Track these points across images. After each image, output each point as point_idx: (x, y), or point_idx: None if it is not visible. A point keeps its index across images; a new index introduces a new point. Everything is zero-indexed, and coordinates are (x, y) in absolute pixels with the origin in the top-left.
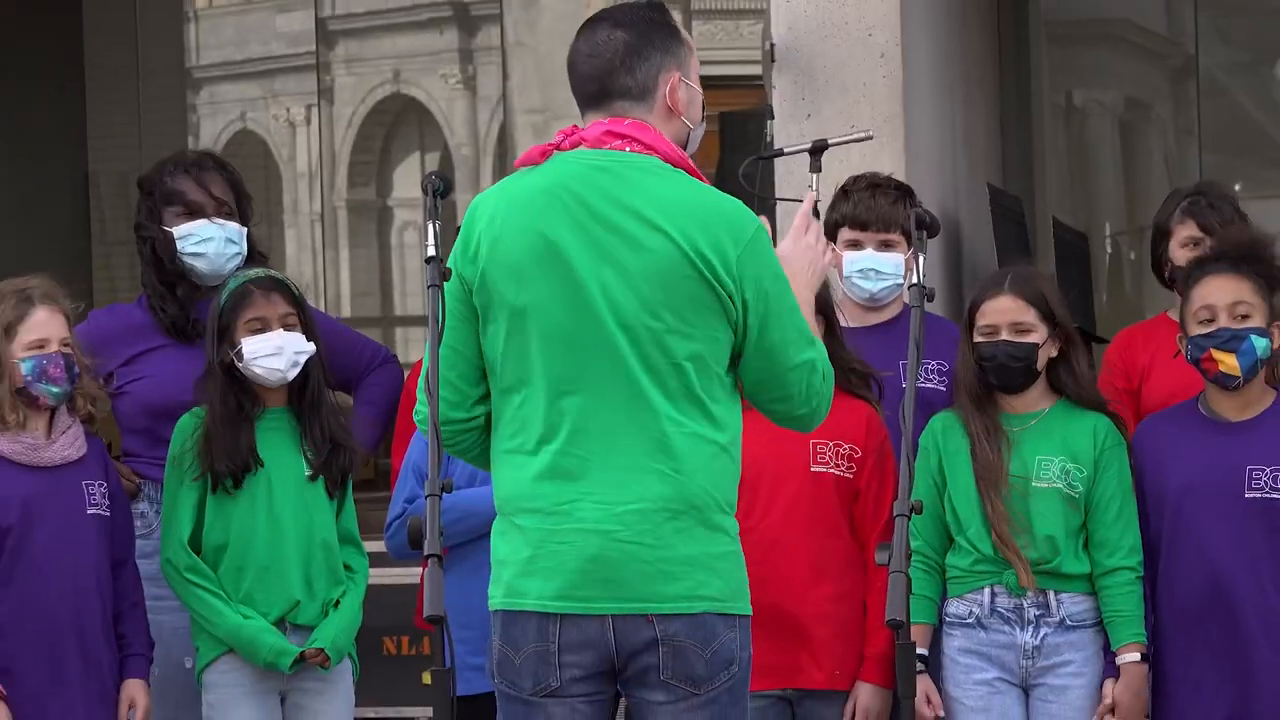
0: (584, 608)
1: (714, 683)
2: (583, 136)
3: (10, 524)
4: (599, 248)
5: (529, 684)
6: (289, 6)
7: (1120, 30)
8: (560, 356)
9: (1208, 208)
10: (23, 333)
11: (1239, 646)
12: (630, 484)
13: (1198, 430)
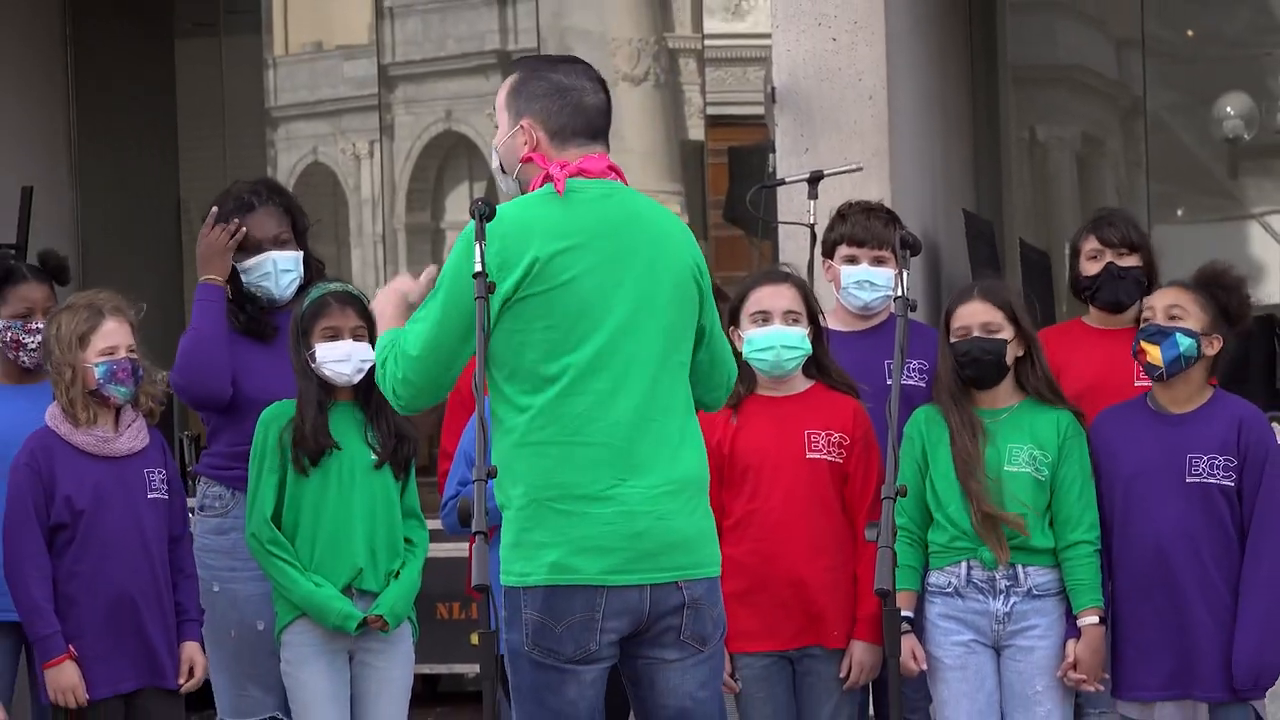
0: (629, 579)
1: (714, 641)
2: (582, 168)
3: (83, 508)
4: (643, 273)
5: (570, 650)
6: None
7: (1077, 75)
8: (604, 367)
9: (1107, 225)
10: (95, 341)
11: (1181, 611)
12: (658, 469)
13: (1146, 422)
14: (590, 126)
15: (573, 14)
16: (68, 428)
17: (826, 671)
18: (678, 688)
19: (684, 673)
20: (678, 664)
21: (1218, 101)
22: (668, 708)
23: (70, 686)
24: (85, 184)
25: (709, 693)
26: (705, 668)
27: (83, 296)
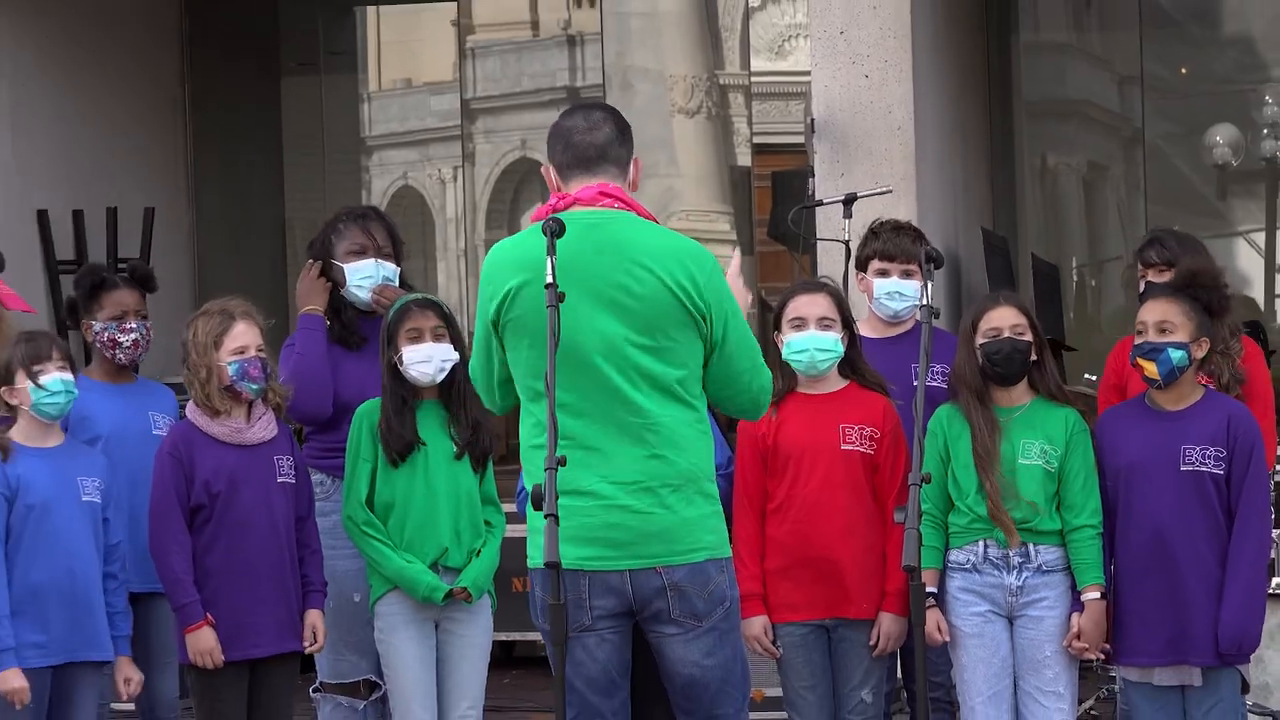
0: (608, 565)
1: (714, 616)
2: (576, 198)
3: (219, 490)
4: (597, 286)
5: (568, 622)
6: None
7: (1083, 109)
8: (564, 380)
9: (1153, 246)
10: (227, 342)
11: (1176, 586)
12: (632, 465)
13: (1144, 419)
14: (580, 160)
15: (634, 54)
16: (205, 420)
17: (858, 639)
18: (684, 658)
19: (686, 645)
20: (679, 637)
21: (1208, 132)
22: (680, 675)
23: (208, 650)
24: (201, 205)
25: (716, 660)
26: (708, 639)
27: (216, 303)
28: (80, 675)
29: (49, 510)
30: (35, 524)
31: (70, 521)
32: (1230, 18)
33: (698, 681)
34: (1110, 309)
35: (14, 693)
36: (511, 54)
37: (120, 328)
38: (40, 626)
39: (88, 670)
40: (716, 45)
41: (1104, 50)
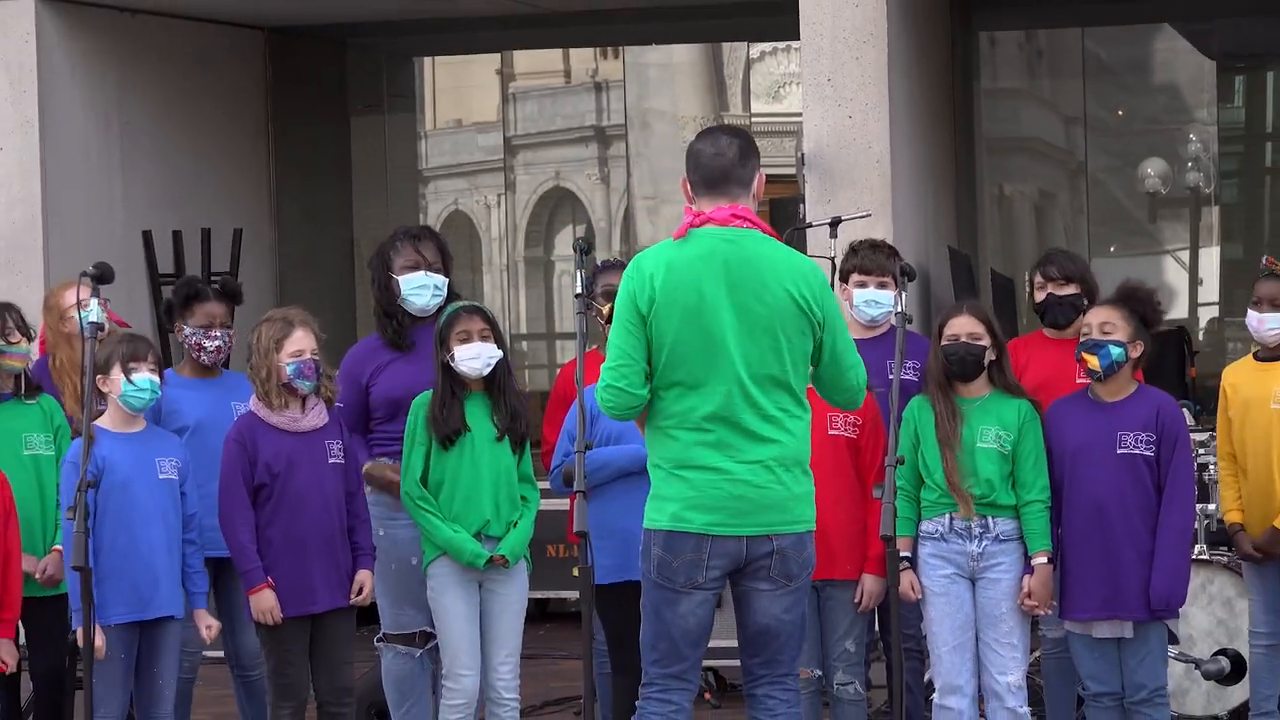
0: (729, 530)
1: (800, 578)
2: (710, 217)
3: (279, 471)
4: (735, 295)
5: (682, 579)
6: (486, 129)
7: (1034, 145)
8: (705, 368)
9: (1048, 264)
10: (287, 346)
11: (1113, 553)
12: (755, 448)
13: (1086, 409)
14: (706, 180)
15: (651, 98)
16: (265, 411)
17: (843, 598)
18: (767, 610)
19: (773, 599)
20: (769, 593)
21: (1141, 165)
22: (756, 623)
23: (269, 608)
24: (281, 227)
25: (792, 616)
26: (790, 597)
27: (278, 312)
28: (161, 629)
29: (129, 487)
30: (118, 498)
31: (149, 497)
32: (1160, 68)
33: (771, 630)
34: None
35: (101, 648)
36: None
37: (206, 334)
38: (125, 589)
39: (167, 625)
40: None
41: (1052, 95)
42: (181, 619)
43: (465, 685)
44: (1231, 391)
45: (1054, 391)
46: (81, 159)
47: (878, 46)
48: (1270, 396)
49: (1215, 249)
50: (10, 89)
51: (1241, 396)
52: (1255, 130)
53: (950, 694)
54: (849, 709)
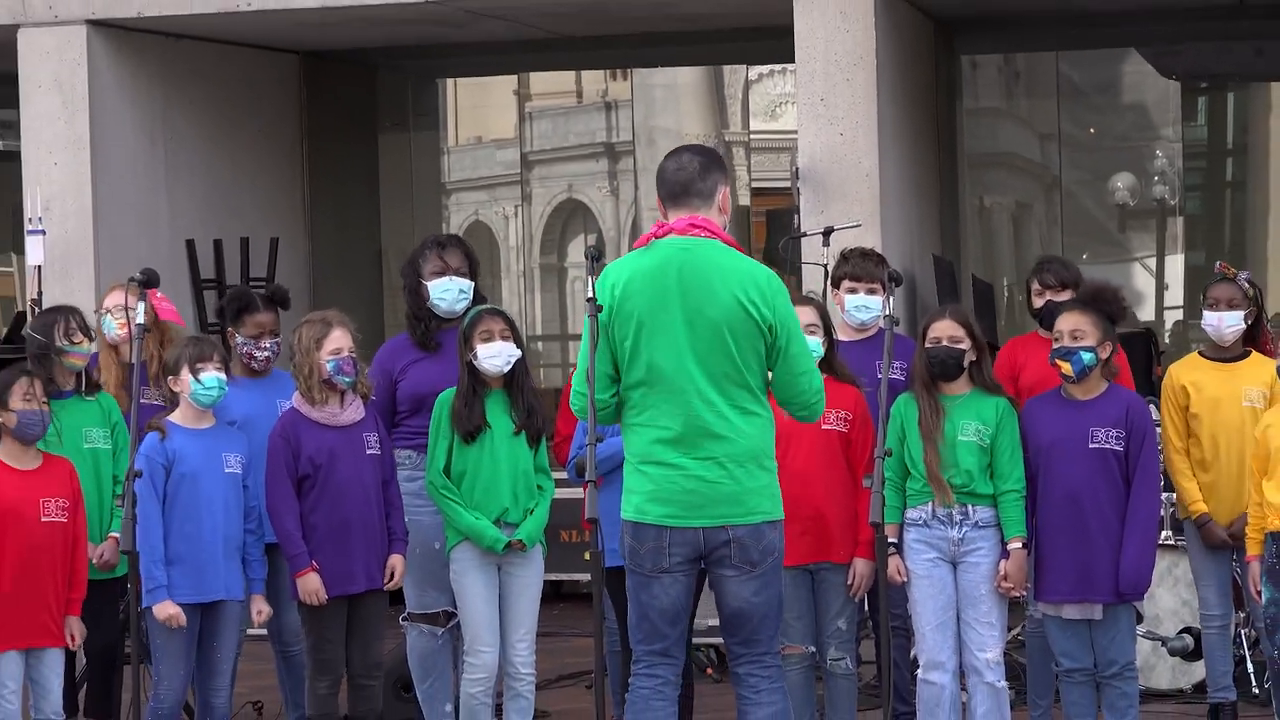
0: (685, 523)
1: (765, 563)
2: (671, 227)
3: (321, 463)
4: (686, 301)
5: (649, 564)
6: (504, 145)
7: (1012, 160)
8: (660, 370)
9: (1045, 272)
10: (326, 344)
11: (1084, 540)
12: (710, 445)
13: (1060, 406)
14: (670, 193)
15: (657, 117)
16: (307, 407)
17: (836, 580)
18: (736, 593)
19: (740, 584)
20: (735, 578)
21: (1111, 179)
22: (730, 606)
23: (314, 590)
24: (315, 236)
25: (762, 598)
26: (757, 581)
27: (317, 314)
28: (222, 610)
29: (197, 479)
30: (187, 489)
31: (214, 488)
32: (1128, 89)
33: (744, 612)
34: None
35: (170, 618)
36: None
37: (257, 345)
38: (190, 572)
39: (228, 607)
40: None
41: (1028, 114)
42: (241, 601)
43: (485, 661)
44: (1193, 390)
45: (1051, 385)
46: (129, 174)
47: (867, 69)
48: (1241, 395)
49: (1180, 257)
50: (63, 109)
51: (1208, 395)
52: (1217, 147)
53: (933, 669)
54: (841, 683)
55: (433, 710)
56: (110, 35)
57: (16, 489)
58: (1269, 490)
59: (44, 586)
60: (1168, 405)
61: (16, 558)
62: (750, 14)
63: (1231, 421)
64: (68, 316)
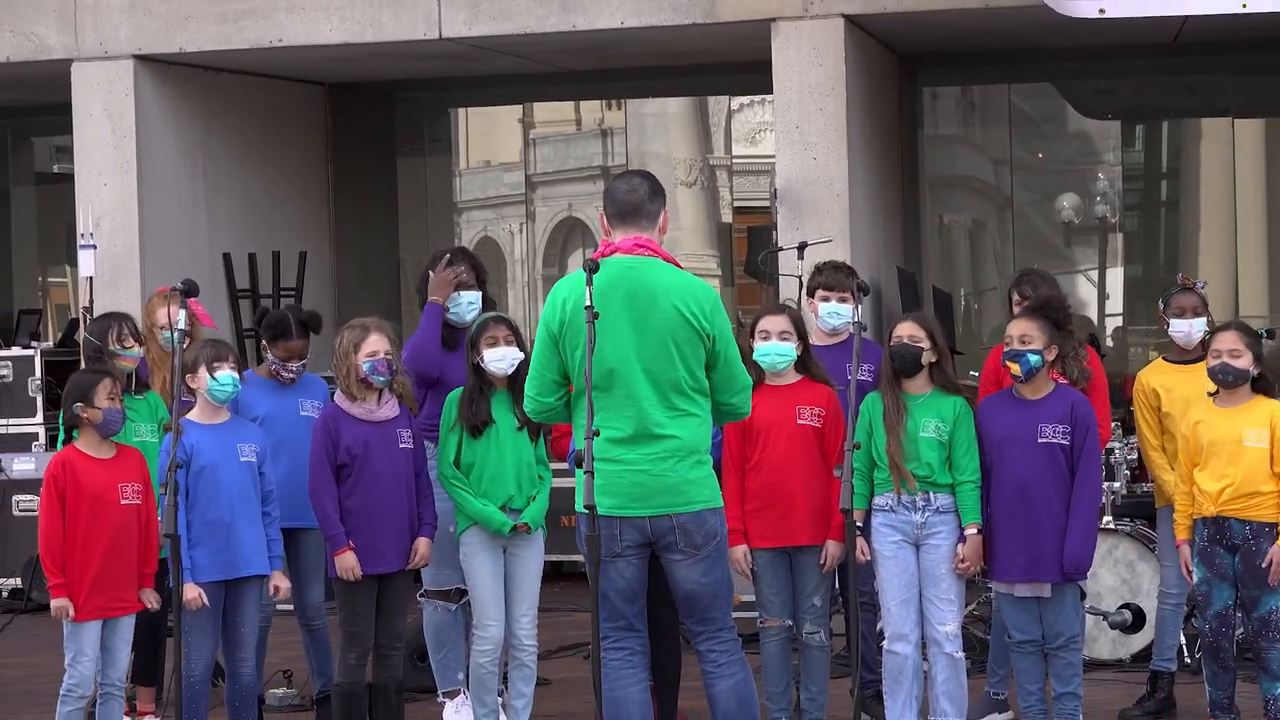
0: (631, 512)
1: (709, 547)
2: (618, 247)
3: (357, 454)
4: (633, 315)
5: (605, 550)
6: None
7: (968, 182)
8: (607, 378)
9: (1024, 284)
10: (364, 347)
11: (1033, 525)
12: (651, 444)
13: (1011, 405)
14: (620, 213)
15: (649, 143)
16: (347, 403)
17: (810, 561)
18: (686, 577)
19: (688, 567)
20: (683, 561)
21: (1057, 199)
22: (683, 589)
23: (349, 567)
24: (339, 250)
25: (710, 579)
26: (704, 564)
27: (358, 320)
28: (243, 587)
29: (215, 469)
30: (207, 479)
31: (231, 476)
32: (1072, 119)
33: (695, 594)
34: (988, 324)
35: (191, 601)
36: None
37: (284, 367)
38: (213, 552)
39: (249, 583)
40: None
41: (983, 140)
42: (262, 578)
43: (492, 634)
44: (1165, 393)
45: None
46: (172, 194)
47: (837, 100)
48: (1205, 394)
49: (1120, 270)
50: (112, 135)
51: (1178, 396)
52: (1152, 171)
53: (898, 641)
54: (815, 654)
55: (446, 678)
56: (155, 69)
57: (100, 477)
58: (1201, 480)
59: (125, 562)
60: (1141, 408)
61: (104, 537)
62: (732, 50)
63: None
64: (120, 323)
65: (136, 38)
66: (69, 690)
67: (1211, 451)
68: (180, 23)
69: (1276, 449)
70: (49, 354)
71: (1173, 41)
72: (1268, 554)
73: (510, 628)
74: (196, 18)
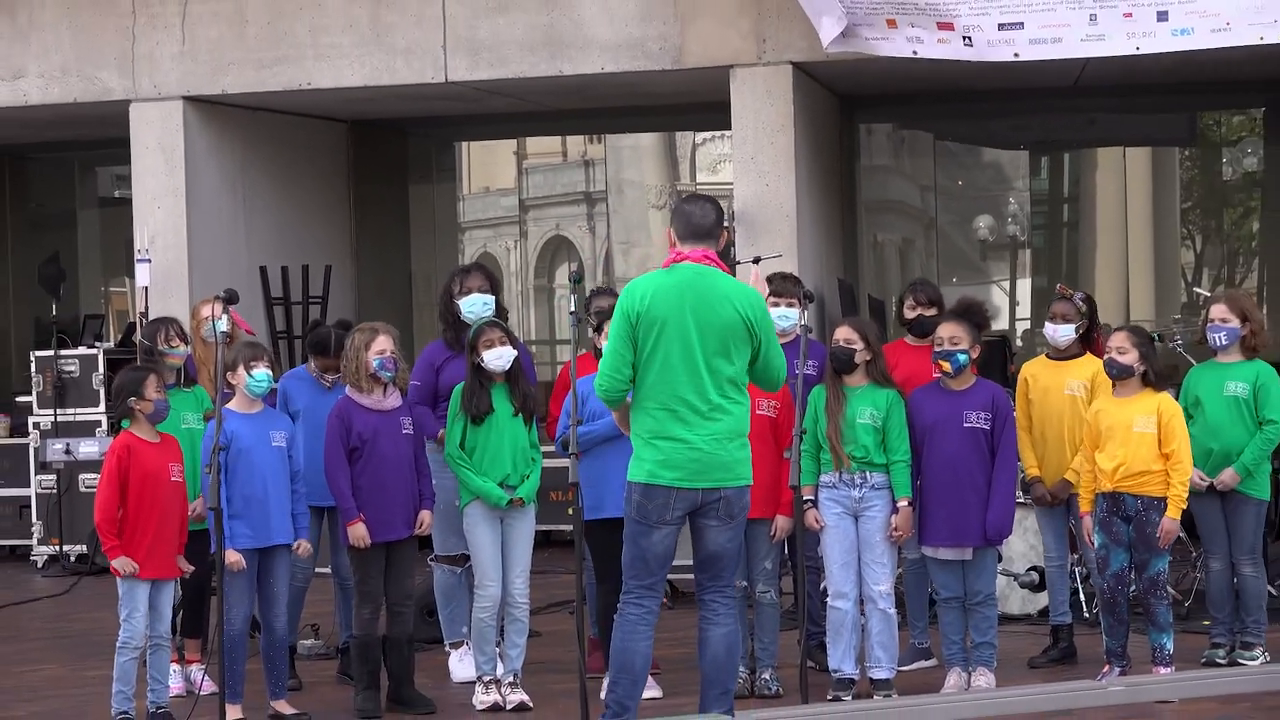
0: (689, 484)
1: (740, 517)
2: (688, 256)
3: (366, 438)
4: (698, 312)
5: (655, 517)
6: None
7: (899, 206)
8: (674, 366)
9: (918, 291)
10: (373, 346)
11: (958, 497)
12: (708, 424)
13: (940, 395)
14: (694, 233)
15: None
16: (358, 395)
17: (762, 531)
18: (714, 539)
19: (718, 532)
20: (716, 527)
21: (975, 220)
22: (706, 549)
23: (360, 537)
24: (360, 264)
25: (734, 544)
26: (731, 530)
27: (367, 324)
28: (274, 554)
29: (251, 452)
30: (244, 461)
31: (264, 459)
32: (988, 151)
33: (718, 554)
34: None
35: (233, 564)
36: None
37: (323, 376)
38: (249, 524)
39: (278, 550)
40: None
41: (912, 170)
42: (290, 545)
43: (490, 593)
44: (1031, 381)
45: (917, 383)
46: (215, 215)
47: (787, 135)
48: (1065, 386)
49: (1028, 280)
50: (164, 165)
51: (1040, 385)
52: (1055, 195)
53: (839, 598)
54: (767, 610)
55: (452, 631)
56: (201, 108)
57: (154, 458)
58: (1100, 460)
59: (171, 532)
60: (1018, 394)
61: (157, 509)
62: (696, 93)
63: (1053, 406)
64: (167, 326)
65: (185, 81)
66: (124, 643)
67: (1108, 436)
68: (223, 69)
69: (1163, 434)
70: (110, 353)
71: (1074, 84)
72: (1159, 524)
73: (506, 588)
74: (237, 64)
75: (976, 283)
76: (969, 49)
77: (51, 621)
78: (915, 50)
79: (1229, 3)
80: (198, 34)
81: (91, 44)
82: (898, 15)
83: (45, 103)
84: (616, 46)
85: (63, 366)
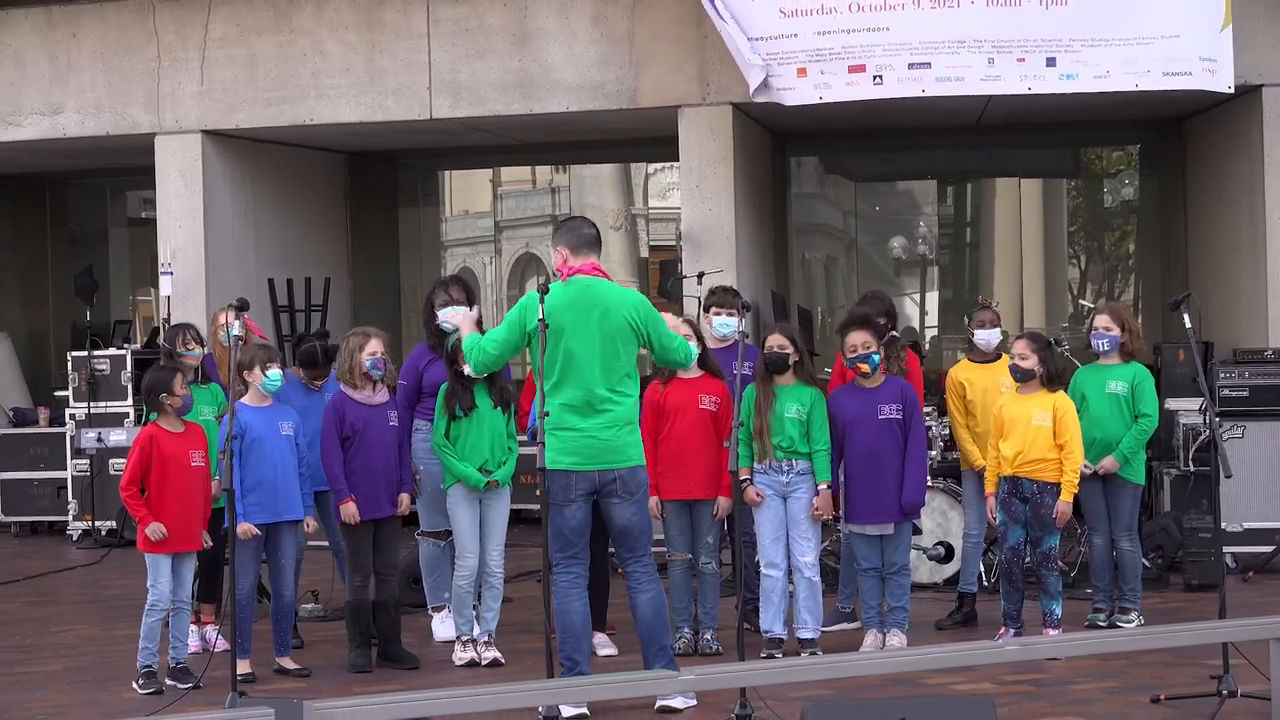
0: (585, 467)
1: (639, 494)
2: (579, 269)
3: (358, 429)
4: (592, 319)
5: (561, 497)
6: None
7: (825, 229)
8: (573, 367)
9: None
10: (366, 348)
11: (878, 479)
12: (600, 416)
13: (857, 393)
14: (582, 243)
15: (587, 197)
16: (351, 391)
17: (705, 510)
18: (621, 514)
19: (623, 508)
20: (620, 504)
21: (890, 240)
22: (617, 525)
23: (351, 515)
24: (355, 277)
25: (640, 518)
26: (634, 505)
27: (360, 328)
28: (281, 528)
29: (262, 440)
30: (256, 448)
31: (274, 446)
32: (901, 181)
33: (628, 528)
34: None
35: (245, 532)
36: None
37: (311, 384)
38: (259, 501)
39: (286, 526)
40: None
41: (835, 197)
42: (297, 521)
43: (469, 564)
44: (968, 385)
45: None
46: (229, 234)
47: (727, 166)
48: (999, 385)
49: (936, 294)
50: (185, 189)
51: (979, 387)
52: (960, 220)
53: (771, 568)
54: (709, 579)
55: (435, 596)
56: (217, 140)
57: (176, 446)
58: (1003, 448)
59: (191, 509)
60: (952, 396)
61: (178, 490)
62: (648, 129)
63: (994, 403)
64: (184, 331)
65: (204, 117)
66: (151, 606)
67: (1010, 427)
68: (237, 106)
69: (1058, 427)
70: (136, 354)
71: (976, 121)
72: (1053, 506)
73: (484, 559)
74: (249, 102)
75: (892, 294)
76: (879, 87)
77: (85, 588)
78: (821, 96)
79: (1108, 53)
80: (215, 76)
81: (122, 84)
82: (809, 63)
83: (81, 135)
84: (580, 89)
85: (95, 365)
